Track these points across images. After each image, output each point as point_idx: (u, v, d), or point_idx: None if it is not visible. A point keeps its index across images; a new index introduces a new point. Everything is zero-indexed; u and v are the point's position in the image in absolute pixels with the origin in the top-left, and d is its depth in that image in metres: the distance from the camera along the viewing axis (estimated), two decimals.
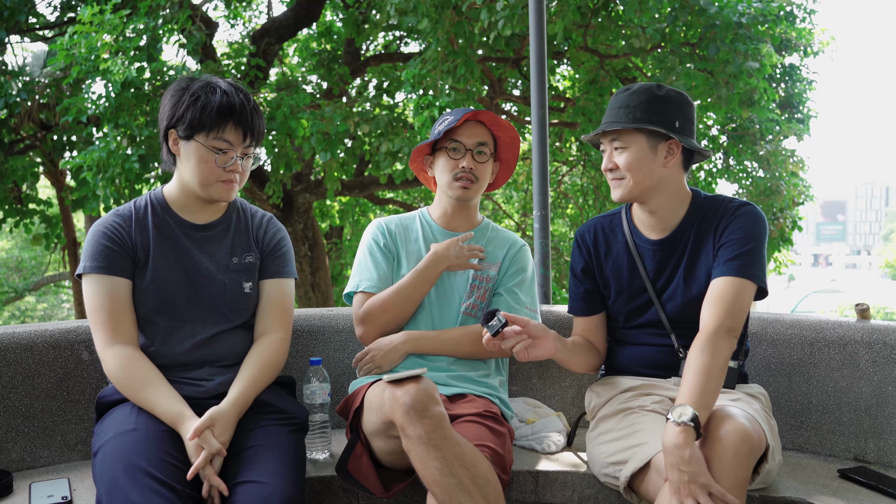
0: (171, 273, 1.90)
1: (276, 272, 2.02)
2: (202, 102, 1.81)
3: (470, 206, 2.25)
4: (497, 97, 8.50)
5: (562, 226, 12.01)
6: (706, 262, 1.95)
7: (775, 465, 1.83)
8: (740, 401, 1.87)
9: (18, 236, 12.69)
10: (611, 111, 1.96)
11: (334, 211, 11.62)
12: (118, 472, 1.59)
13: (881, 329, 2.18)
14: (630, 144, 1.92)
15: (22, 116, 7.30)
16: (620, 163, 1.94)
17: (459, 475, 1.63)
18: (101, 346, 1.83)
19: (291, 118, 6.58)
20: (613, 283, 2.08)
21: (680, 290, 1.98)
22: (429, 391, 1.71)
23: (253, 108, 1.87)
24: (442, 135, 2.17)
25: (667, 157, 1.93)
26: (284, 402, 1.95)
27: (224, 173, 1.87)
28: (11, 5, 6.96)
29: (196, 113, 1.81)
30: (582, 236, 2.15)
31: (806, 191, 9.53)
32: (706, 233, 1.96)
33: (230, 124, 1.83)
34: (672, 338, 1.99)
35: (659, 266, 2.01)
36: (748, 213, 1.93)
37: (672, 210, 1.99)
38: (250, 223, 2.03)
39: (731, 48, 6.53)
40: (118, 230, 1.89)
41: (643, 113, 1.90)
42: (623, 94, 1.95)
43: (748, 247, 1.88)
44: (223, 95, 1.83)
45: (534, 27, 3.47)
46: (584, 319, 2.16)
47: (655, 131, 1.91)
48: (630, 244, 2.05)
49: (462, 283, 2.18)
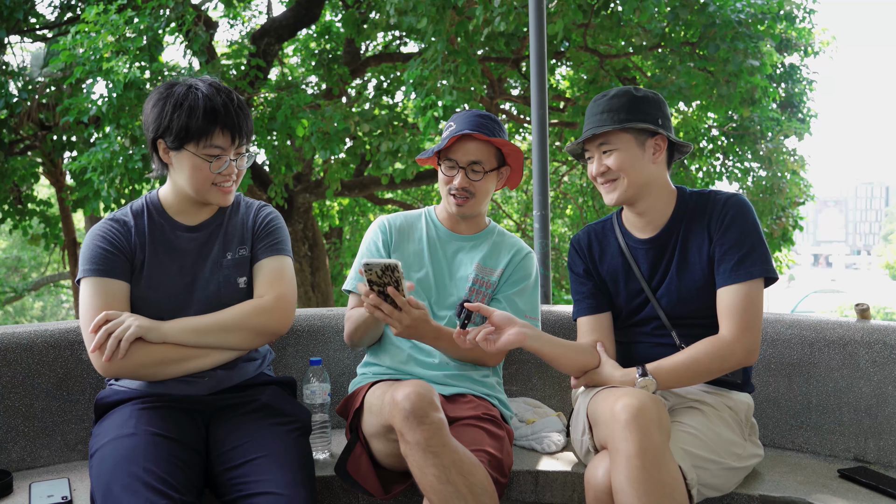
0: (167, 276, 1.88)
1: (266, 251, 1.96)
2: (186, 111, 1.78)
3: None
4: (497, 97, 8.50)
5: (562, 226, 12.01)
6: (699, 258, 1.97)
7: (718, 472, 1.83)
8: (697, 412, 1.90)
9: (18, 236, 12.69)
10: (592, 117, 2.00)
11: (334, 211, 11.62)
12: (113, 479, 1.58)
13: (881, 329, 2.18)
14: (619, 146, 1.96)
15: (22, 116, 7.29)
16: (612, 164, 1.96)
17: (456, 483, 1.63)
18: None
19: (292, 118, 6.58)
20: (611, 283, 2.10)
21: (674, 285, 1.99)
22: (429, 397, 1.70)
23: (238, 107, 1.84)
24: (435, 152, 2.14)
25: (654, 153, 1.98)
26: (286, 405, 1.94)
27: (220, 178, 1.86)
28: (11, 4, 6.96)
29: (182, 122, 1.78)
30: (578, 243, 2.18)
31: (807, 190, 9.53)
32: (696, 227, 1.99)
33: (218, 129, 1.80)
34: (673, 335, 2.00)
35: (652, 264, 2.03)
36: (737, 206, 1.95)
37: (660, 209, 2.02)
38: (241, 213, 2.00)
39: (730, 47, 6.53)
40: (115, 235, 1.87)
41: (627, 114, 1.94)
42: (602, 100, 1.99)
43: (747, 246, 1.90)
44: (206, 100, 1.79)
45: (534, 27, 3.47)
46: (594, 319, 2.10)
47: (642, 129, 1.95)
48: (623, 246, 2.08)
49: (462, 288, 2.17)
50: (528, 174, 4.24)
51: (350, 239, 12.32)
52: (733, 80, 6.67)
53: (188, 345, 1.81)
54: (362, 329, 2.08)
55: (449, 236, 2.23)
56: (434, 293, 2.16)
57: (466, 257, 2.20)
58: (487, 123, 2.11)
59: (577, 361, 2.00)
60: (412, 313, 1.86)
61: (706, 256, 1.96)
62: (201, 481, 1.75)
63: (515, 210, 11.64)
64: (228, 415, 1.88)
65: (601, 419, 1.79)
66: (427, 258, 2.18)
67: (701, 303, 1.96)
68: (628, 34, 7.51)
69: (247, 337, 1.86)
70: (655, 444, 1.63)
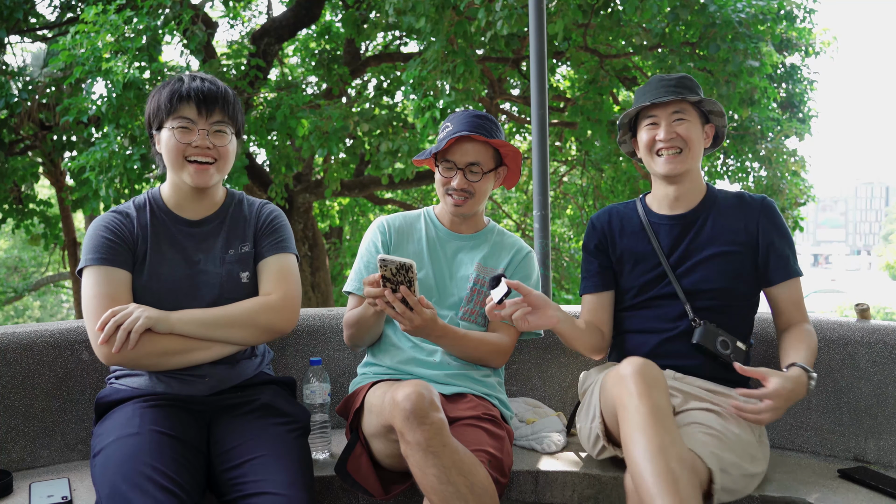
0: (168, 271, 1.89)
1: (271, 248, 1.97)
2: (165, 94, 1.86)
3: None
4: (497, 97, 8.50)
5: (562, 226, 12.01)
6: (728, 240, 2.03)
7: (736, 482, 1.80)
8: (713, 413, 1.89)
9: (18, 236, 12.70)
10: (661, 89, 2.02)
11: (334, 211, 11.62)
12: (119, 478, 1.58)
13: (881, 329, 2.18)
14: (691, 118, 2.02)
15: (22, 116, 7.29)
16: (683, 132, 2.01)
17: (457, 483, 1.63)
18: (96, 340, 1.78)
19: (291, 118, 6.58)
20: (628, 257, 2.13)
21: (695, 261, 2.04)
22: (429, 397, 1.70)
23: (211, 84, 1.88)
24: (433, 153, 2.13)
25: (706, 140, 2.08)
26: (286, 405, 1.94)
27: (191, 151, 1.86)
28: (11, 4, 6.96)
29: (157, 102, 1.87)
30: (597, 219, 2.23)
31: (807, 190, 9.53)
32: (728, 215, 2.06)
33: (185, 103, 1.85)
34: (687, 308, 2.02)
35: (675, 239, 2.08)
36: (774, 209, 2.07)
37: (695, 193, 2.10)
38: (244, 211, 2.01)
39: (731, 47, 6.53)
40: (118, 225, 1.89)
41: (701, 95, 2.02)
42: (673, 78, 2.04)
43: (790, 245, 2.04)
44: (179, 82, 1.88)
45: (534, 27, 3.47)
46: (594, 297, 2.19)
47: (707, 112, 2.06)
48: (645, 222, 2.13)
49: (462, 288, 2.17)
50: (527, 174, 4.24)
51: (350, 239, 12.32)
52: (733, 80, 6.67)
53: (194, 337, 1.82)
54: (364, 328, 2.08)
55: (449, 236, 2.22)
56: (435, 293, 2.16)
57: (467, 257, 2.20)
58: (485, 124, 2.10)
59: (589, 343, 2.13)
60: (423, 314, 1.87)
61: (740, 243, 2.03)
62: (204, 481, 1.75)
63: (515, 210, 11.64)
64: (228, 415, 1.88)
65: (608, 383, 1.84)
66: (427, 258, 2.18)
67: (721, 283, 2.01)
68: (628, 34, 7.51)
69: (252, 333, 1.87)
70: (660, 389, 1.70)
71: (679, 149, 2.01)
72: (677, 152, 2.01)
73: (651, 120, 2.04)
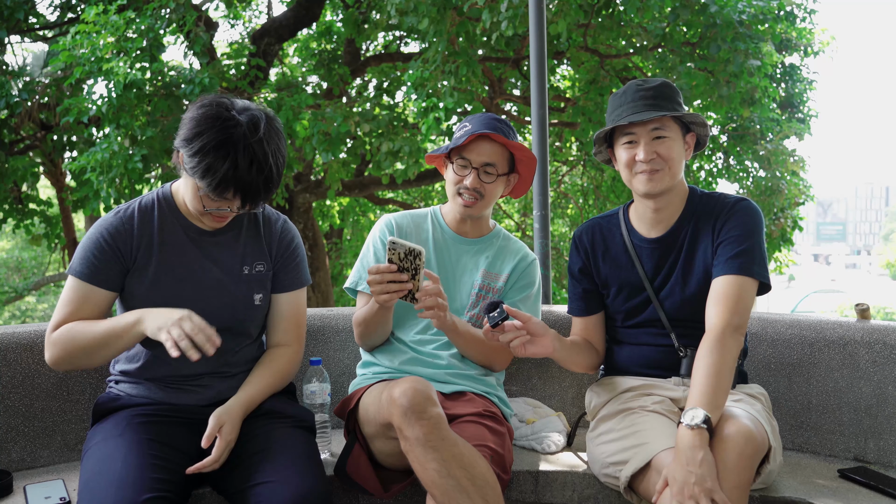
0: (175, 281, 1.81)
1: (290, 284, 1.95)
2: (211, 163, 1.62)
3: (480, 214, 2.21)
4: (497, 97, 8.50)
5: (562, 226, 12.01)
6: (704, 259, 1.95)
7: (776, 465, 1.83)
8: (742, 402, 1.88)
9: (19, 236, 12.70)
10: (638, 102, 1.88)
11: (334, 211, 11.62)
12: (94, 475, 1.60)
13: (881, 329, 2.18)
14: (671, 134, 1.91)
15: (22, 116, 7.30)
16: (663, 152, 1.90)
17: (458, 476, 1.63)
18: (48, 331, 1.77)
19: (293, 119, 6.58)
20: (612, 282, 2.08)
21: (678, 287, 1.97)
22: (426, 392, 1.70)
23: (266, 181, 1.67)
24: (451, 149, 2.12)
25: (687, 151, 1.98)
26: (290, 408, 1.92)
27: (213, 213, 1.77)
28: (11, 4, 6.97)
29: (202, 170, 1.64)
30: (580, 237, 2.15)
31: (807, 191, 9.53)
32: (703, 229, 1.96)
33: (229, 191, 1.66)
34: (672, 336, 1.99)
35: (657, 264, 2.01)
36: (745, 209, 1.93)
37: (674, 206, 2.00)
38: (262, 229, 1.93)
39: (731, 47, 6.53)
40: (118, 233, 1.79)
41: (678, 105, 1.92)
42: (649, 87, 1.90)
43: (747, 244, 1.88)
44: (233, 169, 1.62)
45: (534, 27, 3.47)
46: (583, 319, 2.16)
47: (685, 123, 1.95)
48: (628, 243, 2.05)
49: (466, 293, 2.16)
50: None
51: (350, 239, 12.31)
52: (734, 80, 6.66)
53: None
54: (372, 325, 2.06)
55: (455, 239, 2.21)
56: None
57: (471, 261, 2.19)
58: (504, 127, 2.10)
59: (583, 363, 2.11)
60: (426, 302, 1.84)
61: (710, 258, 1.93)
62: (188, 484, 1.72)
63: (515, 210, 11.63)
64: None
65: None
66: (434, 261, 2.17)
67: (702, 310, 1.90)
68: (629, 34, 7.51)
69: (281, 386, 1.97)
70: None
71: (658, 168, 1.90)
72: (656, 171, 1.90)
73: (629, 138, 1.92)
